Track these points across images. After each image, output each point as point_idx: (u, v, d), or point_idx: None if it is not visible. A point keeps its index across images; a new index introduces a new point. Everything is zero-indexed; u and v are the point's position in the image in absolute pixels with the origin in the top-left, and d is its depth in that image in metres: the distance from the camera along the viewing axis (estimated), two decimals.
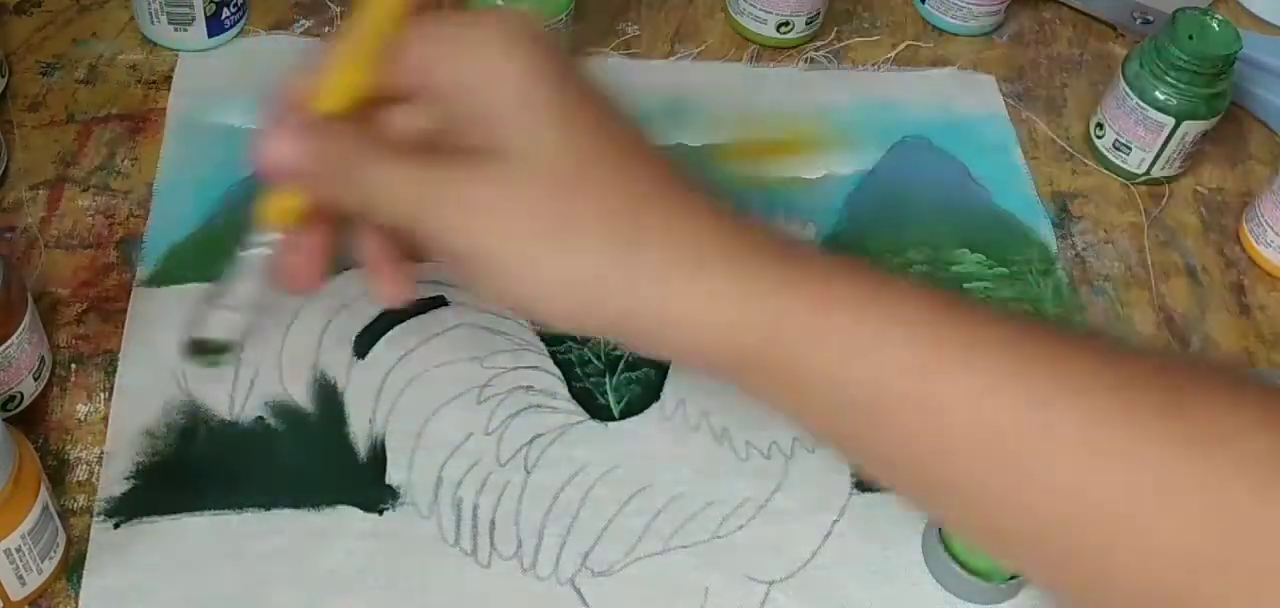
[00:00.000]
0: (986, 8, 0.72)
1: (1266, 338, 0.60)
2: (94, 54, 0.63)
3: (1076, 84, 0.72)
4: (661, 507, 0.49)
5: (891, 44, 0.72)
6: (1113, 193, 0.66)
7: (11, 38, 0.63)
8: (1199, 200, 0.66)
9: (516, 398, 0.51)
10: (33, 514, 0.41)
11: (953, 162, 0.66)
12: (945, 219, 0.62)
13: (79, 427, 0.49)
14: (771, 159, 0.64)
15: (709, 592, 0.47)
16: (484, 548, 0.47)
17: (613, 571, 0.47)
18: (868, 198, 0.63)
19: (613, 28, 0.70)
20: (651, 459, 0.51)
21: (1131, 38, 0.74)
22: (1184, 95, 0.62)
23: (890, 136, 0.66)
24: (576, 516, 0.49)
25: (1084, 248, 0.63)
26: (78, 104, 0.61)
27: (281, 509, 0.47)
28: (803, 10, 0.68)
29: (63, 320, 0.52)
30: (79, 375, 0.50)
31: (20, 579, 0.42)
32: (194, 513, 0.47)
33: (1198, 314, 0.61)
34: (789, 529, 0.49)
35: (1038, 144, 0.68)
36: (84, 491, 0.47)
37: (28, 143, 0.58)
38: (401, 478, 0.49)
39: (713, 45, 0.70)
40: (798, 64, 0.70)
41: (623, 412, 0.52)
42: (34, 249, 0.54)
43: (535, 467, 0.50)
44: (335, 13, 0.67)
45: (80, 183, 0.57)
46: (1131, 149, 0.65)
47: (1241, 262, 0.64)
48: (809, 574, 0.48)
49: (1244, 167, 0.69)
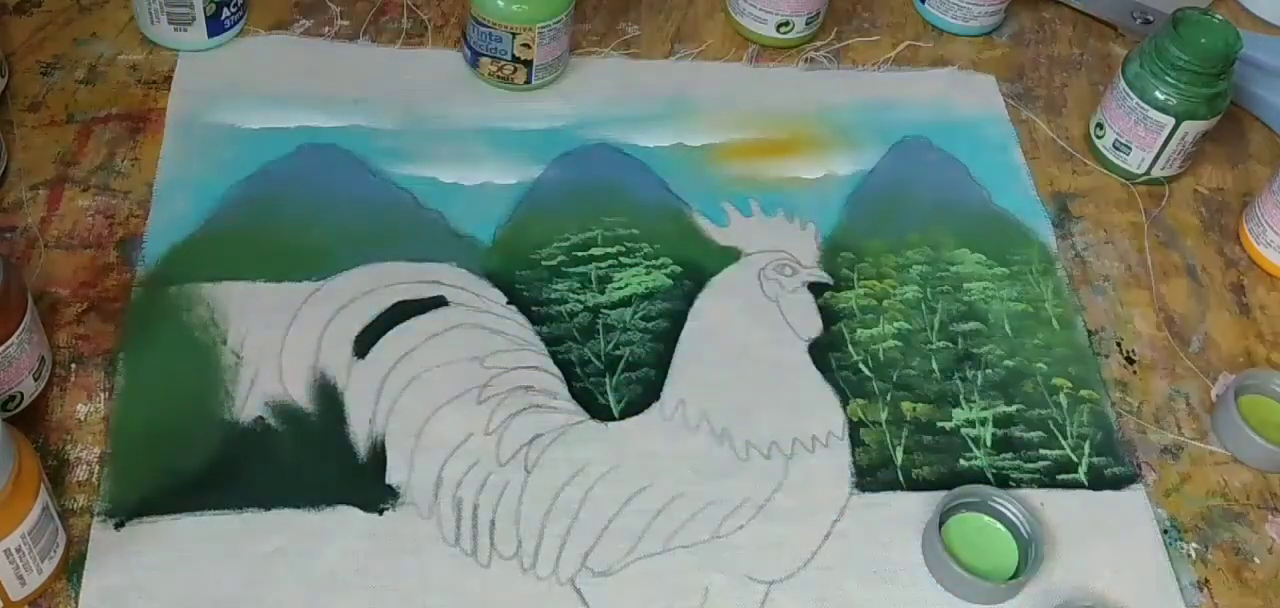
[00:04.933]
0: (986, 8, 0.72)
1: (1266, 338, 0.60)
2: (94, 54, 0.63)
3: (1076, 84, 0.72)
4: (661, 507, 0.49)
5: (891, 44, 0.72)
6: (1113, 193, 0.66)
7: (11, 38, 0.63)
8: (1199, 200, 0.66)
9: (516, 398, 0.51)
10: (33, 514, 0.41)
11: (953, 162, 0.66)
12: (945, 219, 0.62)
13: (79, 427, 0.49)
14: (771, 159, 0.64)
15: (709, 592, 0.47)
16: (484, 548, 0.47)
17: (613, 571, 0.47)
18: (868, 198, 0.63)
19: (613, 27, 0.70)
20: (651, 459, 0.51)
21: (1131, 38, 0.75)
22: (1184, 95, 0.62)
23: (890, 137, 0.66)
24: (576, 516, 0.49)
25: (1084, 248, 0.63)
26: (78, 104, 0.61)
27: (281, 509, 0.47)
28: (803, 10, 0.68)
29: (63, 320, 0.52)
30: (79, 375, 0.50)
31: (20, 579, 0.42)
32: (194, 513, 0.47)
33: (1198, 314, 0.61)
34: (789, 529, 0.49)
35: (1038, 144, 0.68)
36: (84, 491, 0.47)
37: (28, 143, 0.58)
38: (401, 478, 0.49)
39: (713, 45, 0.70)
40: (798, 64, 0.70)
41: (623, 412, 0.52)
42: (34, 249, 0.54)
43: (535, 467, 0.50)
44: (335, 13, 0.68)
45: (80, 183, 0.57)
46: (1131, 149, 0.65)
47: (1241, 262, 0.64)
48: (809, 574, 0.48)
49: (1244, 167, 0.69)
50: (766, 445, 0.51)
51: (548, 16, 0.62)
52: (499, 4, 0.61)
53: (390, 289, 0.54)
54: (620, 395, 0.53)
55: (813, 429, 0.52)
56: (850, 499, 0.51)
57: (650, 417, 0.52)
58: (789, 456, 0.51)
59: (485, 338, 0.53)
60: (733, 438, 0.51)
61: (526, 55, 0.63)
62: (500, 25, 0.62)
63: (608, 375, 0.53)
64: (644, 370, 0.53)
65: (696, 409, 0.52)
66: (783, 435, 0.52)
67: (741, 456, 0.51)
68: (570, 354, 0.54)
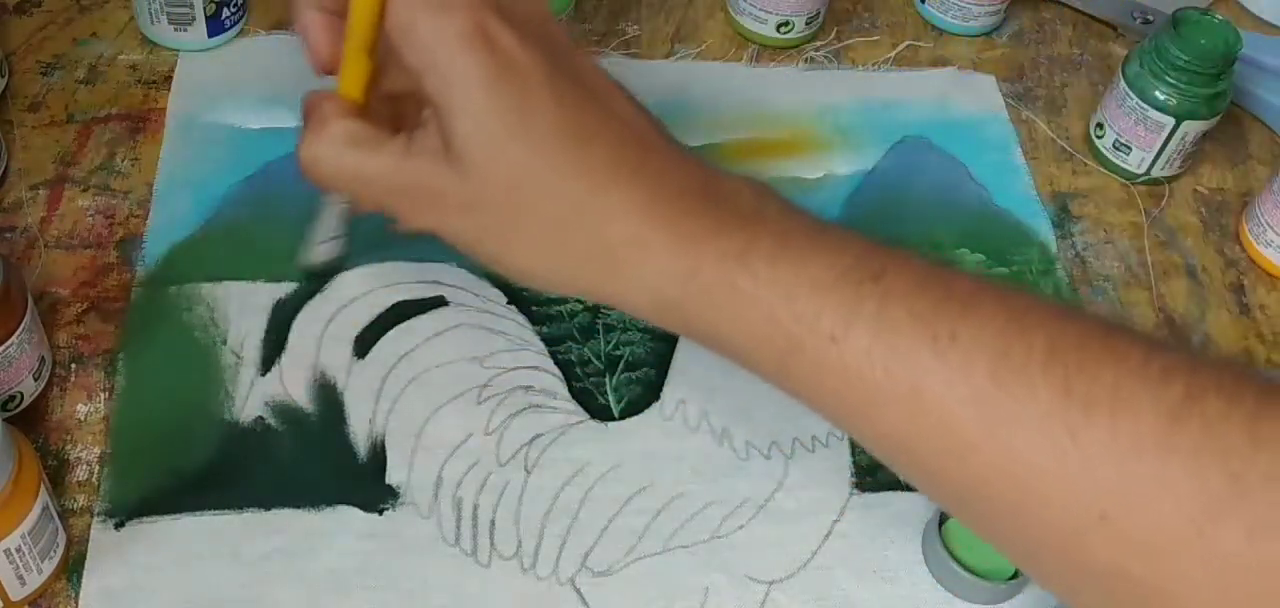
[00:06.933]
0: (986, 8, 0.72)
1: (1266, 338, 0.60)
2: (94, 54, 0.63)
3: (1076, 84, 0.72)
4: (661, 507, 0.49)
5: (891, 44, 0.72)
6: (1113, 193, 0.66)
7: (11, 38, 0.63)
8: (1199, 200, 0.66)
9: (516, 398, 0.51)
10: (33, 514, 0.41)
11: (953, 161, 0.66)
12: (945, 219, 0.62)
13: (79, 427, 0.49)
14: (771, 159, 0.64)
15: (709, 592, 0.47)
16: (484, 548, 0.47)
17: (613, 571, 0.47)
18: (868, 198, 0.63)
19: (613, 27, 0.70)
20: (651, 459, 0.51)
21: (1131, 38, 0.74)
22: (1184, 95, 0.62)
23: (890, 137, 0.66)
24: (576, 516, 0.49)
25: (1084, 248, 0.63)
26: (78, 104, 0.61)
27: (281, 509, 0.47)
28: (803, 10, 0.68)
29: (63, 320, 0.52)
30: (79, 375, 0.50)
31: (20, 579, 0.42)
32: (194, 513, 0.47)
33: (1198, 314, 0.61)
34: (789, 529, 0.49)
35: (1038, 144, 0.68)
36: (84, 491, 0.47)
37: (28, 143, 0.58)
38: (401, 478, 0.49)
39: (713, 45, 0.70)
40: (798, 64, 0.70)
41: (623, 412, 0.52)
42: (34, 249, 0.54)
43: (535, 467, 0.50)
44: None
45: (80, 183, 0.57)
46: (1131, 149, 0.65)
47: (1241, 262, 0.64)
48: (809, 574, 0.48)
49: (1244, 167, 0.69)
50: (766, 445, 0.51)
51: None
52: None
53: (390, 289, 0.54)
54: (620, 395, 0.53)
55: (813, 429, 0.52)
56: (850, 499, 0.51)
57: (650, 417, 0.52)
58: (789, 455, 0.51)
59: (485, 338, 0.53)
60: (733, 438, 0.51)
61: None
62: None
63: (608, 375, 0.53)
64: (644, 370, 0.53)
65: (696, 409, 0.52)
66: (783, 435, 0.52)
67: (741, 456, 0.51)
68: (570, 354, 0.54)
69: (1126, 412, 0.32)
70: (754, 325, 0.37)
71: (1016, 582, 0.48)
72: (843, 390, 0.36)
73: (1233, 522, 0.31)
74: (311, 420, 0.50)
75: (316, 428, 0.50)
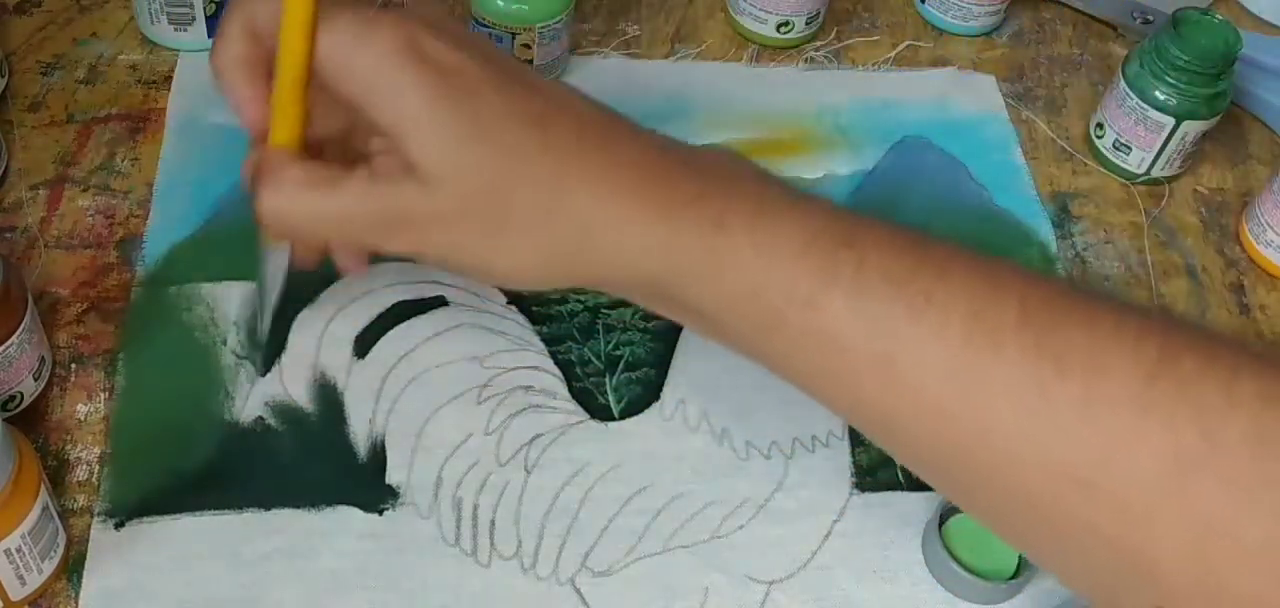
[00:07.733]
0: (986, 8, 0.72)
1: (1266, 338, 0.60)
2: (94, 54, 0.63)
3: (1076, 84, 0.72)
4: (661, 507, 0.49)
5: (891, 44, 0.72)
6: (1113, 193, 0.66)
7: (11, 38, 0.63)
8: (1199, 200, 0.66)
9: (516, 398, 0.51)
10: (33, 514, 0.41)
11: (953, 161, 0.66)
12: (945, 219, 0.62)
13: (79, 427, 0.49)
14: (771, 159, 0.64)
15: (709, 592, 0.47)
16: (484, 548, 0.47)
17: (613, 571, 0.47)
18: (868, 198, 0.63)
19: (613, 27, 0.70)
20: (651, 459, 0.51)
21: (1131, 38, 0.75)
22: (1184, 95, 0.62)
23: (890, 136, 0.66)
24: (576, 516, 0.49)
25: (1084, 248, 0.63)
26: (78, 104, 0.61)
27: (281, 509, 0.47)
28: (803, 10, 0.68)
29: (63, 320, 0.52)
30: (79, 375, 0.50)
31: (20, 579, 0.42)
32: (194, 513, 0.47)
33: (1198, 314, 0.61)
34: (789, 529, 0.49)
35: (1038, 144, 0.68)
36: (84, 491, 0.47)
37: (28, 143, 0.58)
38: (401, 478, 0.49)
39: (713, 45, 0.70)
40: (798, 64, 0.70)
41: (623, 412, 0.52)
42: (34, 249, 0.54)
43: (535, 467, 0.50)
44: None
45: (80, 183, 0.57)
46: (1131, 149, 0.65)
47: (1241, 262, 0.64)
48: (809, 574, 0.48)
49: (1244, 167, 0.69)
50: (766, 445, 0.51)
51: (548, 17, 0.62)
52: (499, 4, 0.61)
53: (390, 289, 0.54)
54: (620, 395, 0.53)
55: (813, 429, 0.52)
56: (850, 499, 0.51)
57: (650, 417, 0.52)
58: (789, 455, 0.51)
59: (485, 338, 0.53)
60: (733, 438, 0.51)
61: (527, 55, 0.63)
62: (500, 25, 0.62)
63: (608, 375, 0.53)
64: (644, 370, 0.53)
65: (696, 409, 0.52)
66: (783, 435, 0.52)
67: (741, 455, 0.51)
68: (570, 354, 0.54)
69: (1100, 371, 0.32)
70: (733, 293, 0.37)
71: (1016, 582, 0.48)
72: (820, 358, 0.36)
73: (1207, 480, 0.30)
74: (311, 421, 0.50)
75: (316, 428, 0.50)
